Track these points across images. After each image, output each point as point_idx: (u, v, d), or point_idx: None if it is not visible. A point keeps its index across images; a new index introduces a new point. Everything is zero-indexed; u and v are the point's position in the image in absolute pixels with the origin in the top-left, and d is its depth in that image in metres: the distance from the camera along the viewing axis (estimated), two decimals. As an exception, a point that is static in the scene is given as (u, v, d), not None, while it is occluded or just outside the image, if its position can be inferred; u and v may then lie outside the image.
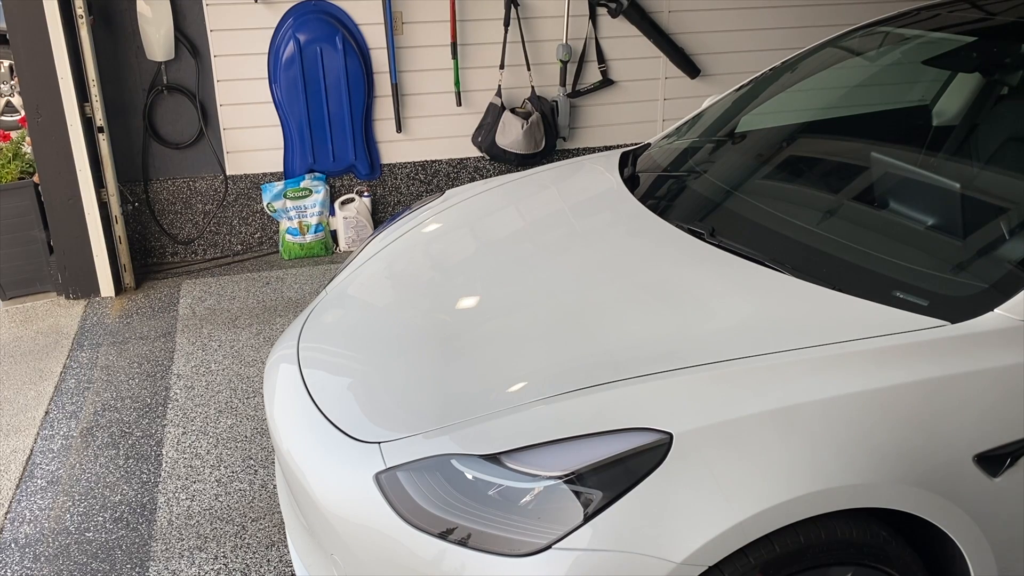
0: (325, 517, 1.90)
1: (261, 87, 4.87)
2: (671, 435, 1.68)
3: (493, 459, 1.74)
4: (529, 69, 5.15)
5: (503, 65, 5.10)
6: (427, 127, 5.18)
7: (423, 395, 1.98)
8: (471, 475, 1.75)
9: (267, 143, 4.98)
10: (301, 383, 2.20)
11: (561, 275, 2.31)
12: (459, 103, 5.14)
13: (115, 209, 4.57)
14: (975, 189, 2.25)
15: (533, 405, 1.82)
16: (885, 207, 2.33)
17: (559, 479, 1.69)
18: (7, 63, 7.39)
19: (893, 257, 2.08)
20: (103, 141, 4.47)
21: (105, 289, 4.59)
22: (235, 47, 4.78)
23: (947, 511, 1.75)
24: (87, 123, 4.41)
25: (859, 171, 2.57)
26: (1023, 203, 2.14)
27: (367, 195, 5.14)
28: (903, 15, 2.97)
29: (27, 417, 3.53)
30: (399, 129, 5.10)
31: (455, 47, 5.02)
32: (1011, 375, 1.78)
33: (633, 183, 2.77)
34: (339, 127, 4.98)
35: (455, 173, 5.33)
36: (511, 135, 5.04)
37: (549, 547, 1.65)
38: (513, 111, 5.10)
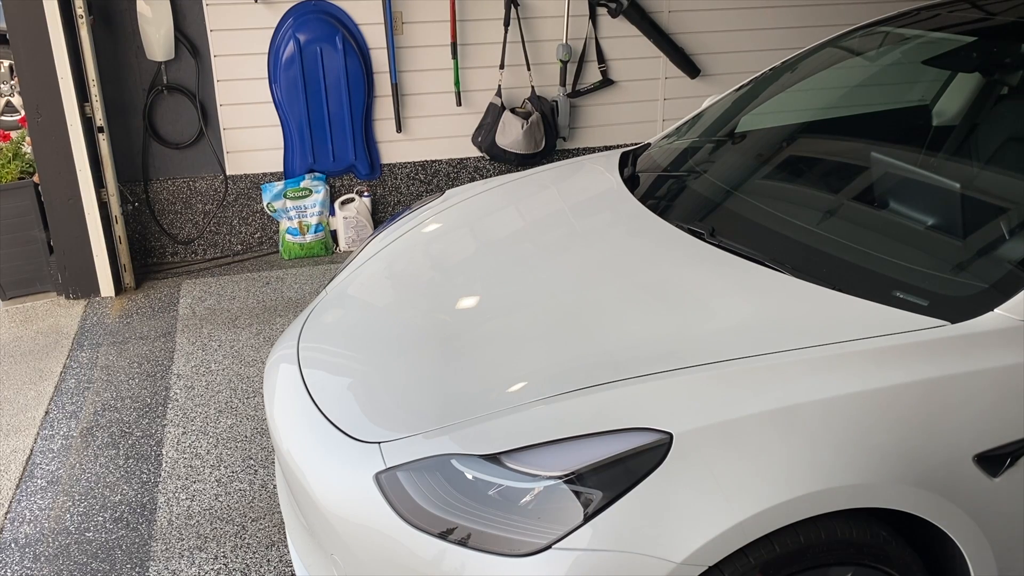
0: (325, 517, 1.90)
1: (261, 87, 4.87)
2: (671, 435, 1.68)
3: (493, 459, 1.74)
4: (529, 69, 5.15)
5: (503, 65, 5.10)
6: (427, 127, 5.18)
7: (423, 395, 1.98)
8: (471, 475, 1.75)
9: (267, 143, 4.98)
10: (301, 383, 2.20)
11: (561, 275, 2.30)
12: (459, 103, 5.14)
13: (115, 209, 4.57)
14: (975, 189, 2.25)
15: (533, 405, 1.82)
16: (885, 207, 2.32)
17: (559, 479, 1.69)
18: (7, 63, 7.38)
19: (893, 257, 2.08)
20: (103, 141, 4.47)
21: (105, 289, 4.59)
22: (235, 47, 4.78)
23: (947, 511, 1.75)
24: (87, 123, 4.41)
25: (859, 171, 2.57)
26: (1023, 203, 2.14)
27: (367, 195, 5.14)
28: (903, 15, 2.97)
29: (27, 417, 3.53)
30: (399, 129, 5.10)
31: (455, 47, 5.02)
32: (1011, 375, 1.78)
33: (633, 183, 2.77)
34: (339, 127, 4.98)
35: (455, 173, 5.33)
36: (511, 135, 5.04)
37: (549, 547, 1.65)
38: (513, 111, 5.10)
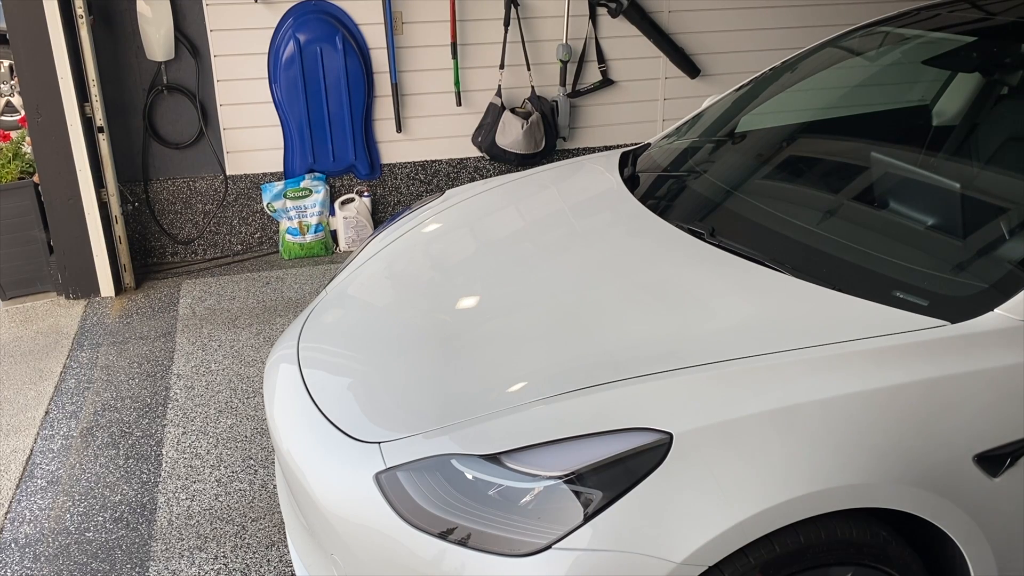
0: (325, 517, 1.90)
1: (261, 87, 4.87)
2: (671, 435, 1.68)
3: (493, 459, 1.74)
4: (529, 69, 5.15)
5: (503, 65, 5.10)
6: (427, 127, 5.18)
7: (423, 395, 1.98)
8: (471, 475, 1.75)
9: (267, 143, 4.98)
10: (301, 383, 2.20)
11: (561, 275, 2.30)
12: (459, 103, 5.14)
13: (115, 209, 4.57)
14: (975, 189, 2.25)
15: (533, 405, 1.82)
16: (885, 207, 2.32)
17: (559, 479, 1.69)
18: (7, 63, 7.38)
19: (893, 257, 2.08)
20: (103, 141, 4.47)
21: (105, 289, 4.59)
22: (235, 47, 4.78)
23: (947, 511, 1.75)
24: (87, 123, 4.41)
25: (859, 171, 2.57)
26: (1023, 203, 2.14)
27: (367, 195, 5.14)
28: (903, 15, 2.97)
29: (27, 417, 3.53)
30: (399, 129, 5.10)
31: (455, 47, 5.02)
32: (1011, 375, 1.78)
33: (633, 183, 2.77)
34: (339, 127, 4.98)
35: (455, 173, 5.33)
36: (511, 135, 5.04)
37: (549, 547, 1.65)
38: (513, 111, 5.10)
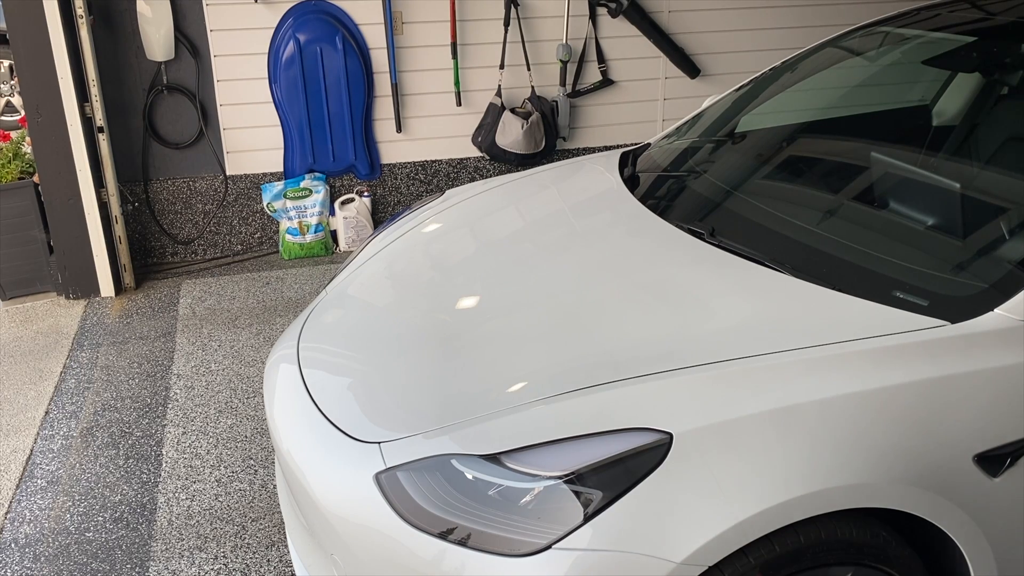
0: (325, 517, 1.90)
1: (261, 87, 4.87)
2: (671, 435, 1.68)
3: (493, 459, 1.74)
4: (529, 69, 5.15)
5: (503, 65, 5.10)
6: (427, 127, 5.18)
7: (423, 395, 1.98)
8: (471, 475, 1.75)
9: (267, 143, 4.98)
10: (301, 383, 2.20)
11: (561, 275, 2.30)
12: (459, 103, 5.14)
13: (115, 209, 4.57)
14: (975, 189, 2.25)
15: (533, 405, 1.82)
16: (885, 207, 2.32)
17: (559, 479, 1.69)
18: (7, 63, 7.39)
19: (893, 257, 2.08)
20: (103, 141, 4.47)
21: (105, 289, 4.59)
22: (235, 47, 4.78)
23: (947, 511, 1.75)
24: (87, 123, 4.41)
25: (859, 171, 2.57)
26: (1023, 203, 2.14)
27: (367, 195, 5.14)
28: (903, 15, 2.97)
29: (27, 417, 3.53)
30: (399, 129, 5.10)
31: (455, 47, 5.02)
32: (1011, 375, 1.78)
33: (633, 183, 2.77)
34: (339, 127, 4.98)
35: (455, 173, 5.33)
36: (511, 135, 5.04)
37: (549, 547, 1.65)
38: (513, 111, 5.10)
